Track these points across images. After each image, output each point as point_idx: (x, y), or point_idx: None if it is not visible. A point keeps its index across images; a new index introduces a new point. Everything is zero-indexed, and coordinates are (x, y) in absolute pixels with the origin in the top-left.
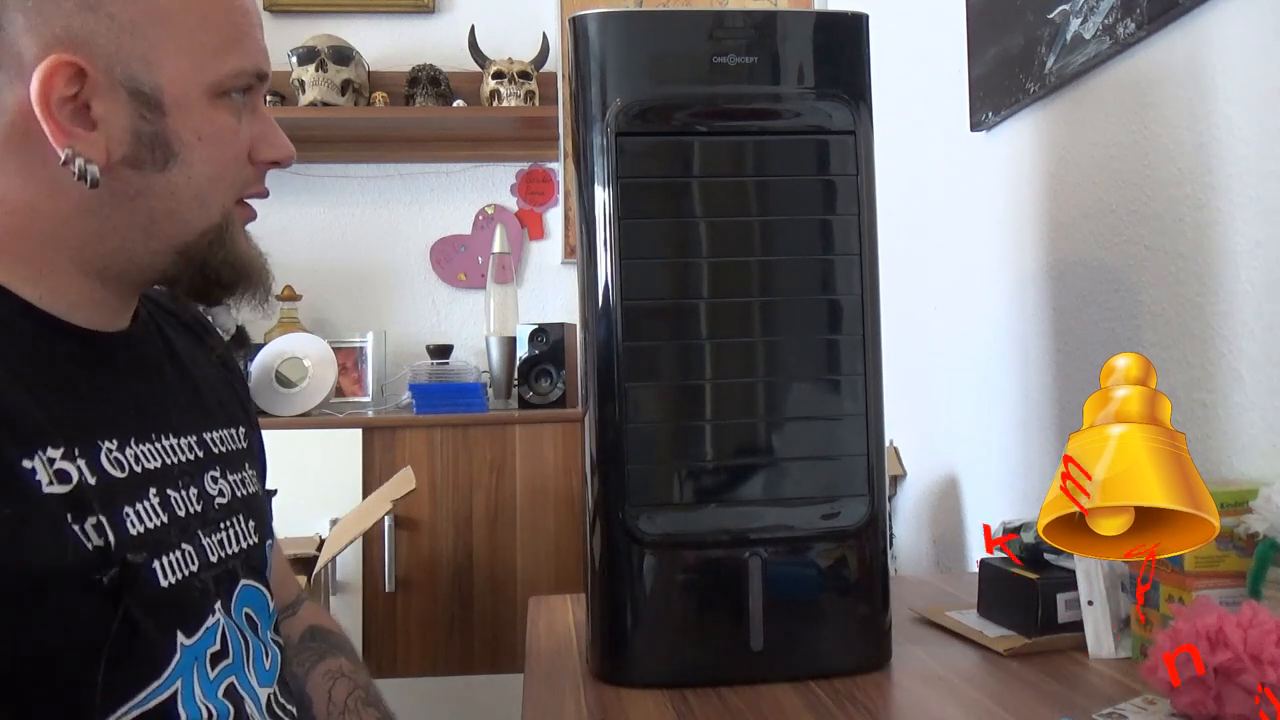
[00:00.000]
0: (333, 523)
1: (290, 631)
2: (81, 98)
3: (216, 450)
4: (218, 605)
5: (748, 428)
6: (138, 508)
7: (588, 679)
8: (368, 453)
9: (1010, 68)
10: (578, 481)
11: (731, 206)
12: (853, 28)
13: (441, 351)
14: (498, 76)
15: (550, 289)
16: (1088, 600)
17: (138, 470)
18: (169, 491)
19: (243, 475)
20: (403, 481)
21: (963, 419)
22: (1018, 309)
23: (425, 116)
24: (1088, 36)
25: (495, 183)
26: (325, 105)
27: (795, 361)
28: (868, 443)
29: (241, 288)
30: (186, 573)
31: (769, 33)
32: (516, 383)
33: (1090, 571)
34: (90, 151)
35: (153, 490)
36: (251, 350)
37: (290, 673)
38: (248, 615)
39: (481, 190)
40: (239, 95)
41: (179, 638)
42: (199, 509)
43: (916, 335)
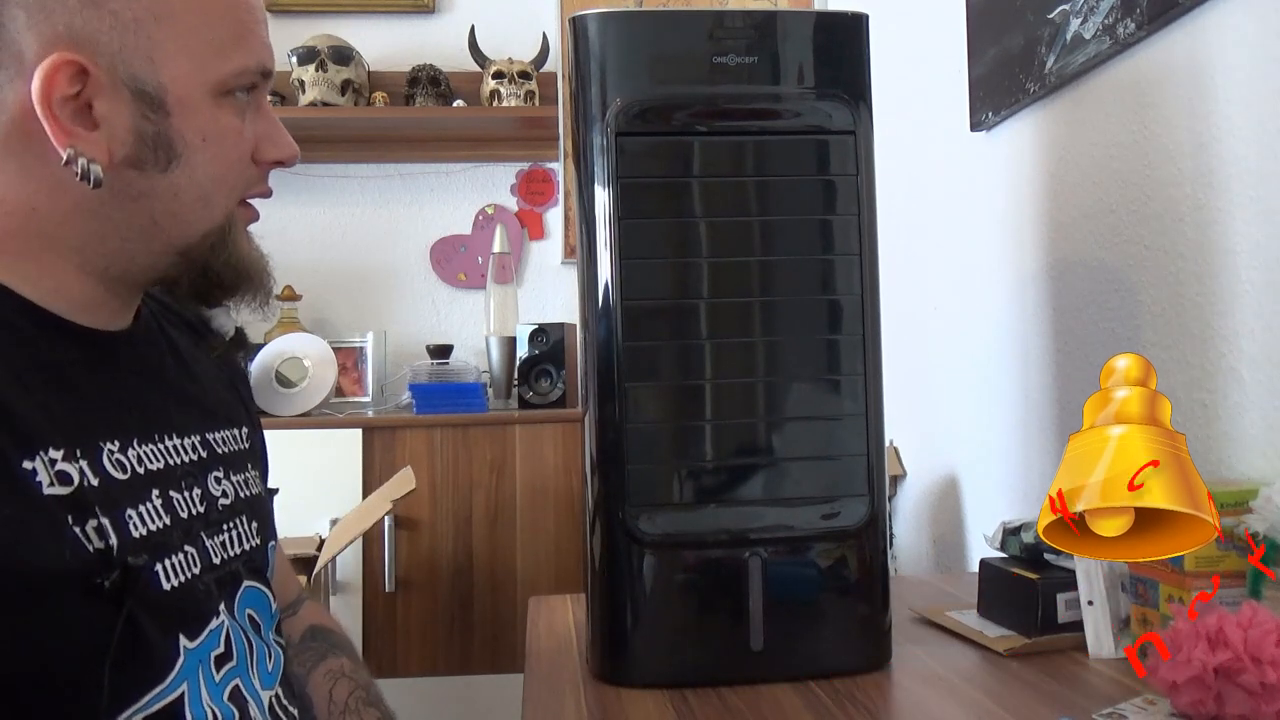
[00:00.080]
0: (333, 523)
1: (291, 631)
2: (83, 97)
3: (220, 451)
4: (221, 607)
5: (748, 428)
6: (140, 509)
7: (588, 679)
8: (368, 453)
9: (1010, 68)
10: (578, 481)
11: (731, 206)
12: (853, 28)
13: (441, 351)
14: (498, 76)
15: (550, 289)
16: (1088, 600)
17: (140, 471)
18: (171, 493)
19: (245, 476)
20: (403, 481)
21: (963, 419)
22: (1018, 309)
23: (425, 116)
24: (1088, 36)
25: (495, 183)
26: (325, 105)
27: (795, 361)
28: (868, 443)
29: (242, 290)
30: (189, 575)
31: (769, 33)
32: (516, 383)
33: (1090, 571)
34: (92, 151)
35: (155, 492)
36: (252, 351)
37: (293, 673)
38: (250, 617)
39: (481, 190)
40: (243, 94)
41: (181, 641)
42: (202, 510)
43: (916, 335)
